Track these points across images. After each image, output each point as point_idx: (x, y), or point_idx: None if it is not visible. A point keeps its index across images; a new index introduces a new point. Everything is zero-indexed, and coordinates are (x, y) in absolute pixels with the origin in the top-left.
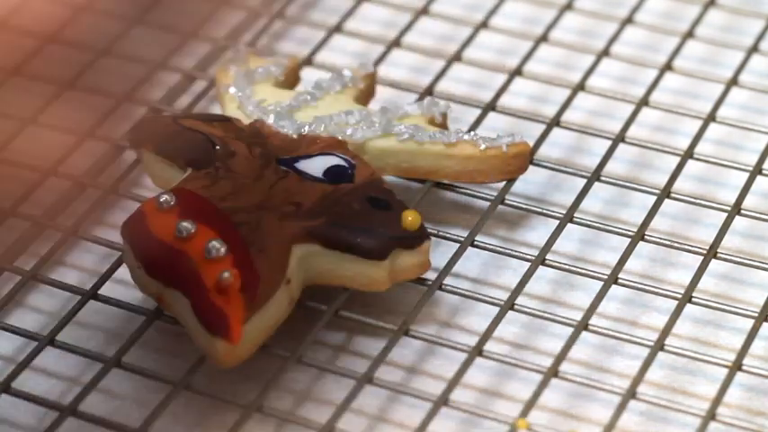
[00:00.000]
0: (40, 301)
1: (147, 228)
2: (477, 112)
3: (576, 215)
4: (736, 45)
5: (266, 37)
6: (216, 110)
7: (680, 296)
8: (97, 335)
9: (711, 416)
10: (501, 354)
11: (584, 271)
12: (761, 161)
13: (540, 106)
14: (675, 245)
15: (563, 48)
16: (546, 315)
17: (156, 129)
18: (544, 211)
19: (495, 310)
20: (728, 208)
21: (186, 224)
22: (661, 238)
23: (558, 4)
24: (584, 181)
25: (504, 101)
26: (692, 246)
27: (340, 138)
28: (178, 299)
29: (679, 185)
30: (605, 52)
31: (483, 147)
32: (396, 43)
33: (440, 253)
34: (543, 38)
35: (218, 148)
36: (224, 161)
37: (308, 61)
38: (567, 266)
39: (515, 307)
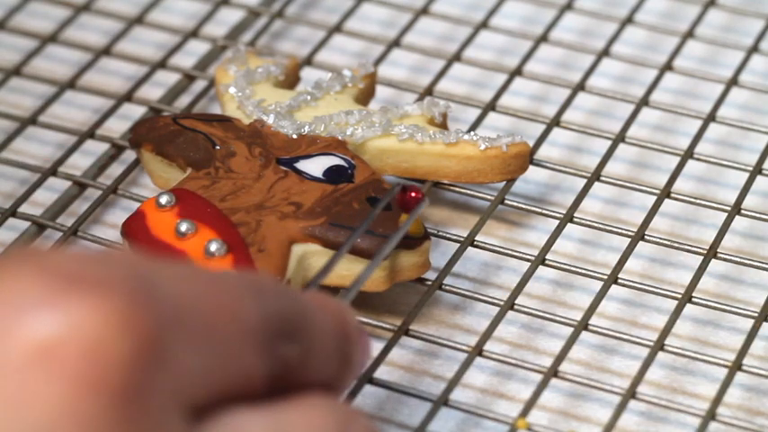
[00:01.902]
0: None
1: (146, 227)
2: (477, 112)
3: (575, 215)
4: (736, 45)
5: (266, 37)
6: (216, 110)
7: (680, 296)
8: None
9: (711, 416)
10: (501, 354)
11: (584, 271)
12: (761, 161)
13: (540, 106)
14: (675, 245)
15: (563, 48)
16: (546, 315)
17: (156, 129)
18: (544, 211)
19: (495, 310)
20: (728, 208)
21: (186, 224)
22: (661, 238)
23: (558, 4)
24: (584, 181)
25: (504, 101)
26: (692, 246)
27: (340, 138)
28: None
29: (679, 185)
30: (605, 52)
31: (483, 147)
32: (396, 43)
33: (440, 253)
34: (543, 38)
35: (218, 148)
36: (224, 161)
37: (308, 61)
38: (566, 266)
39: (515, 307)
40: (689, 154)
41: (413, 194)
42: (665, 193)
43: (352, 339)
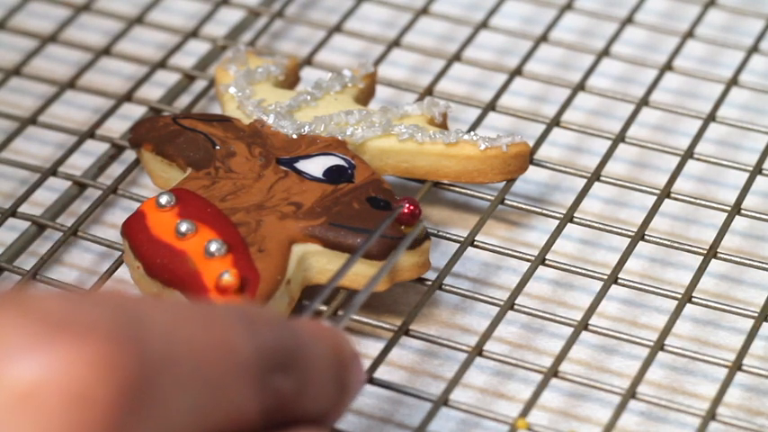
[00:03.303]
0: None
1: (146, 228)
2: (477, 112)
3: (575, 215)
4: (736, 45)
5: (266, 37)
6: (216, 110)
7: (680, 296)
8: None
9: (711, 416)
10: (501, 354)
11: (584, 271)
12: (761, 161)
13: (540, 106)
14: (675, 245)
15: (563, 48)
16: (546, 315)
17: (156, 129)
18: (544, 211)
19: (495, 310)
20: (728, 208)
21: (186, 224)
22: (661, 238)
23: (558, 4)
24: (584, 181)
25: (504, 101)
26: (692, 246)
27: (340, 138)
28: (178, 299)
29: (679, 185)
30: (605, 52)
31: (483, 147)
32: (396, 43)
33: (440, 253)
34: (543, 38)
35: (218, 148)
36: (224, 161)
37: (308, 61)
38: (566, 266)
39: (515, 307)
40: (689, 154)
41: (410, 210)
42: (665, 193)
43: (347, 366)
